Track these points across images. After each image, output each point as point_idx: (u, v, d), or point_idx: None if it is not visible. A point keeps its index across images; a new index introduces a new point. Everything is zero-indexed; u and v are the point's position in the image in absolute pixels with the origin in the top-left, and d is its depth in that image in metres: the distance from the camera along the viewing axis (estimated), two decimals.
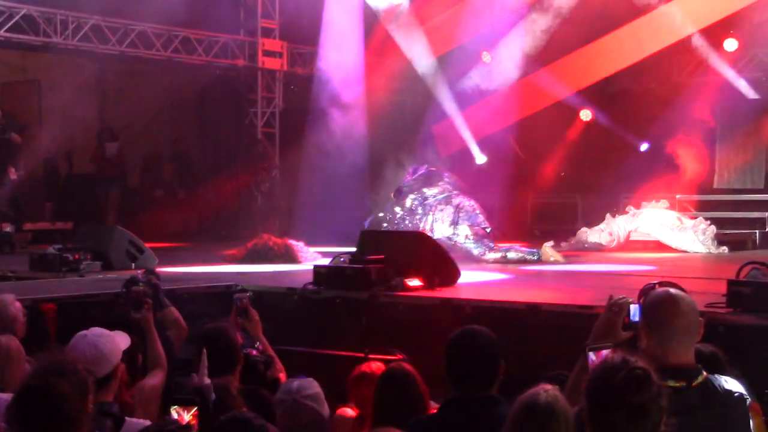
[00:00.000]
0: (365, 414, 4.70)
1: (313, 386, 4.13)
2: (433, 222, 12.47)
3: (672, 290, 3.67)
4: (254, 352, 4.68)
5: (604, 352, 3.56)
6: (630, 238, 14.63)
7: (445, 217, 12.36)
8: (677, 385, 3.33)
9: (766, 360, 5.94)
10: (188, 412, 3.12)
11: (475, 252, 12.03)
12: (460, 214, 12.36)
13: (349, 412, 4.80)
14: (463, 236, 12.20)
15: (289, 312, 8.33)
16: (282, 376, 5.12)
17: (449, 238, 12.22)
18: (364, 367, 4.90)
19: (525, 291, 8.71)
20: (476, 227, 12.40)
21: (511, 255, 12.07)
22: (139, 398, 4.61)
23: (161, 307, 5.88)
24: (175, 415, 3.10)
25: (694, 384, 3.44)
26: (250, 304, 5.64)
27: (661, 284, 3.77)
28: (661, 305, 3.58)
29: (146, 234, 12.52)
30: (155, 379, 4.96)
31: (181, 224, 16.89)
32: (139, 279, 5.98)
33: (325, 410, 4.17)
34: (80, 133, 16.33)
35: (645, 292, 3.72)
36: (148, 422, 3.80)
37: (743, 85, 17.02)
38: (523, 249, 12.48)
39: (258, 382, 4.73)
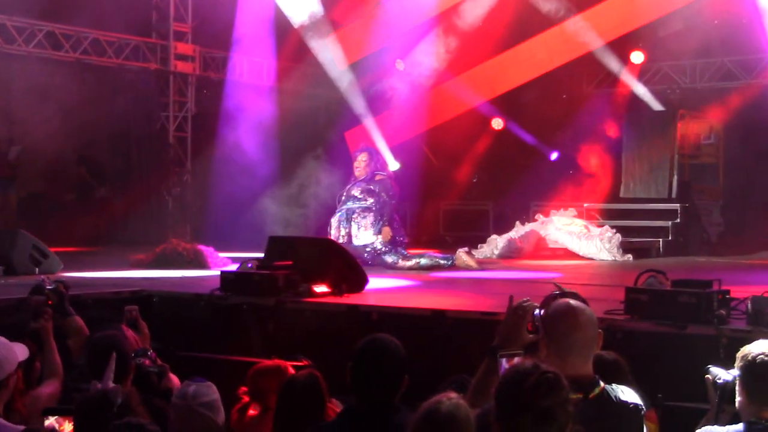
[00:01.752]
0: (269, 406, 4.70)
1: (210, 392, 4.08)
2: (357, 229, 12.48)
3: (572, 302, 3.67)
4: (147, 362, 4.60)
5: (517, 358, 3.56)
6: (539, 246, 14.78)
7: (369, 225, 12.43)
8: (575, 396, 3.33)
9: (662, 365, 6.06)
10: (67, 421, 3.12)
11: (389, 260, 12.01)
12: (383, 222, 12.39)
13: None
14: (379, 243, 12.20)
15: (196, 318, 8.24)
16: (175, 388, 4.98)
17: (365, 246, 12.20)
18: (265, 362, 4.93)
19: (432, 297, 8.69)
20: (392, 236, 12.55)
21: (425, 262, 12.02)
22: (32, 407, 4.50)
23: (65, 315, 5.78)
24: (55, 425, 3.09)
25: (590, 396, 3.47)
26: (139, 316, 5.60)
27: (562, 294, 3.80)
28: (561, 318, 3.60)
29: (54, 239, 12.28)
30: (49, 388, 4.88)
31: (90, 228, 16.43)
32: (44, 286, 5.87)
33: (221, 417, 4.10)
34: None
35: (548, 301, 3.77)
36: (21, 427, 3.78)
37: (649, 97, 17.45)
38: (437, 255, 12.46)
39: (151, 392, 4.63)
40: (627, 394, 3.57)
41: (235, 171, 15.83)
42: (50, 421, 3.32)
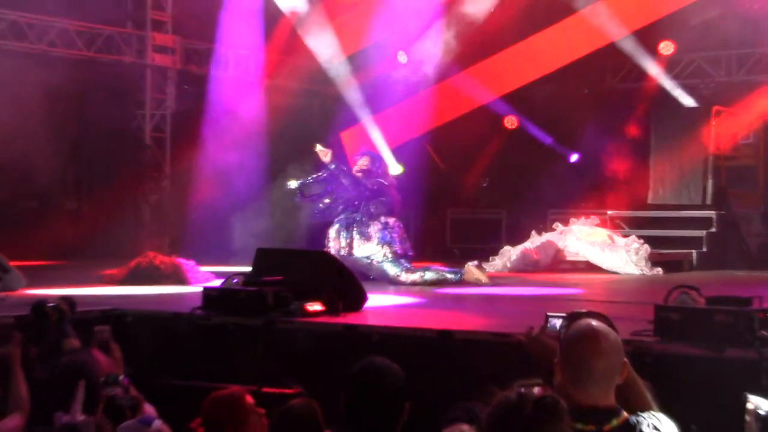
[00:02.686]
0: None
1: None
2: (360, 238, 12.44)
3: (595, 324, 3.60)
4: (119, 392, 4.54)
5: (537, 388, 3.47)
6: (558, 258, 14.76)
7: (372, 234, 12.47)
8: (585, 428, 3.32)
9: (696, 393, 5.99)
10: None
11: (391, 273, 11.96)
12: (386, 232, 12.35)
13: None
14: (381, 255, 12.17)
15: (175, 340, 8.16)
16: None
17: (368, 257, 12.17)
18: (220, 391, 4.90)
19: (438, 316, 8.63)
20: (396, 247, 12.58)
21: (430, 276, 11.95)
22: None
23: (63, 336, 5.81)
24: None
25: (605, 428, 3.41)
26: (111, 338, 5.54)
27: (585, 314, 3.75)
28: (580, 341, 3.54)
29: (15, 251, 12.10)
30: (12, 422, 4.85)
31: (56, 240, 16.27)
32: (46, 303, 5.95)
33: None
34: None
35: (567, 320, 3.73)
36: None
37: (679, 92, 17.40)
38: (444, 269, 12.39)
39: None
40: (665, 425, 3.51)
41: (219, 176, 15.81)
42: None
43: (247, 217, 15.11)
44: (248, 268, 9.28)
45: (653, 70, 17.37)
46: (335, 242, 12.65)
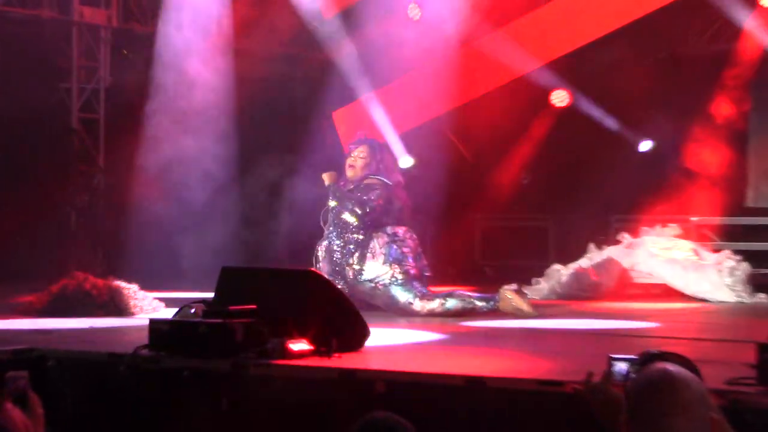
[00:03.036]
0: None
1: None
2: (358, 256, 12.42)
3: (673, 369, 3.63)
4: None
5: None
6: (624, 280, 14.77)
7: (377, 250, 12.41)
8: None
9: None
10: None
11: (402, 300, 11.96)
12: (394, 247, 12.31)
13: None
14: (388, 276, 12.19)
15: (113, 390, 8.04)
16: None
17: (372, 281, 12.19)
18: None
19: (466, 358, 8.52)
20: (408, 266, 12.46)
21: (453, 303, 11.91)
22: None
23: None
24: None
25: None
26: (29, 387, 5.53)
27: (660, 356, 3.78)
28: (653, 392, 3.58)
29: None
30: None
31: None
32: None
33: None
34: None
35: (640, 364, 3.76)
36: None
37: None
38: (472, 295, 12.36)
39: None
40: None
41: (169, 170, 15.80)
42: None
43: (207, 225, 15.17)
44: (210, 294, 9.31)
45: (752, 28, 17.23)
46: (326, 262, 12.68)
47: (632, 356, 5.00)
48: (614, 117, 18.29)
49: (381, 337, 9.37)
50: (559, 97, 18.78)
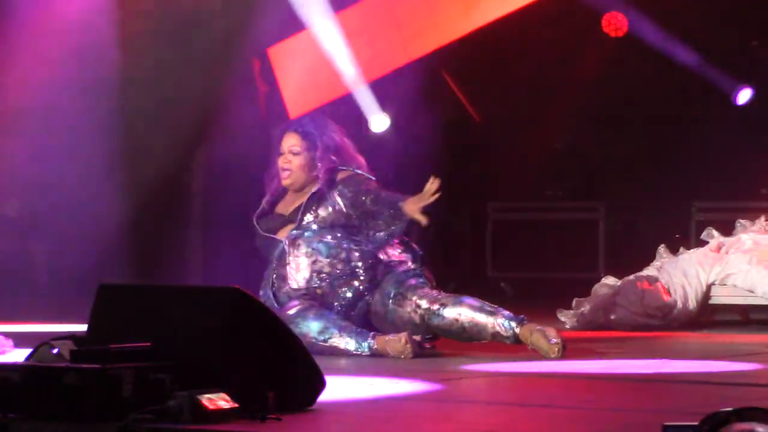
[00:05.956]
0: None
1: None
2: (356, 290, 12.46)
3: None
4: None
5: None
6: (711, 299, 14.91)
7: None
8: None
9: None
10: None
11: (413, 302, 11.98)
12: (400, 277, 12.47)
13: None
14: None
15: None
16: None
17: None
18: None
19: (469, 423, 8.20)
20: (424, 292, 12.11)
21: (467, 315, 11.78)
22: None
23: None
24: None
25: None
26: None
27: (740, 414, 3.73)
28: None
29: None
30: None
31: None
32: None
33: None
34: None
35: (710, 428, 3.69)
36: None
37: None
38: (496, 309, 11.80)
39: None
40: None
41: (19, 142, 16.17)
42: None
43: (79, 224, 15.22)
44: (81, 326, 9.10)
45: None
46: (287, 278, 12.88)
47: (691, 423, 4.87)
48: (696, 53, 18.53)
49: (342, 387, 8.91)
50: (613, 24, 19.19)
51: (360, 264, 12.98)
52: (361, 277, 12.87)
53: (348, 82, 15.60)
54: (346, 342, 12.38)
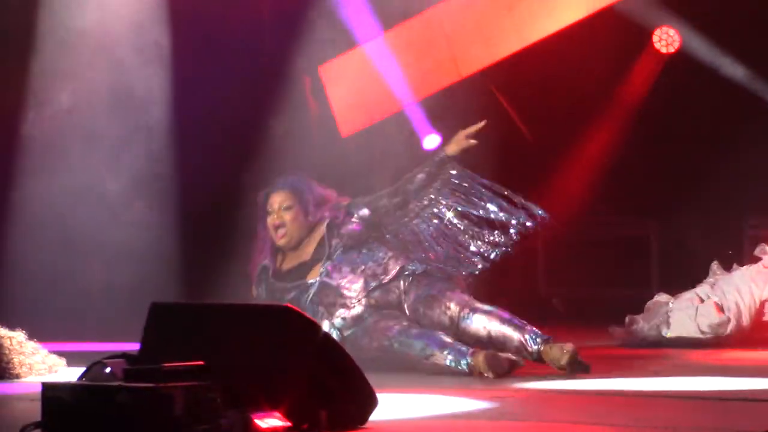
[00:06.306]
0: None
1: None
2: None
3: None
4: None
5: None
6: (765, 315, 14.78)
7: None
8: None
9: None
10: None
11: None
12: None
13: None
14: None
15: None
16: None
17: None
18: None
19: None
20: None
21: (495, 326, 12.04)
22: None
23: None
24: None
25: None
26: None
27: None
28: None
29: None
30: None
31: None
32: None
33: None
34: None
35: None
36: None
37: None
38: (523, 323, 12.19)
39: None
40: None
41: (66, 176, 16.14)
42: None
43: (130, 245, 15.19)
44: (133, 345, 9.11)
45: None
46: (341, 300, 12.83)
47: None
48: (746, 67, 18.51)
49: (394, 405, 8.95)
50: (665, 38, 19.20)
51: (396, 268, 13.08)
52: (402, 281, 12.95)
53: (399, 100, 15.50)
54: (446, 359, 12.35)
